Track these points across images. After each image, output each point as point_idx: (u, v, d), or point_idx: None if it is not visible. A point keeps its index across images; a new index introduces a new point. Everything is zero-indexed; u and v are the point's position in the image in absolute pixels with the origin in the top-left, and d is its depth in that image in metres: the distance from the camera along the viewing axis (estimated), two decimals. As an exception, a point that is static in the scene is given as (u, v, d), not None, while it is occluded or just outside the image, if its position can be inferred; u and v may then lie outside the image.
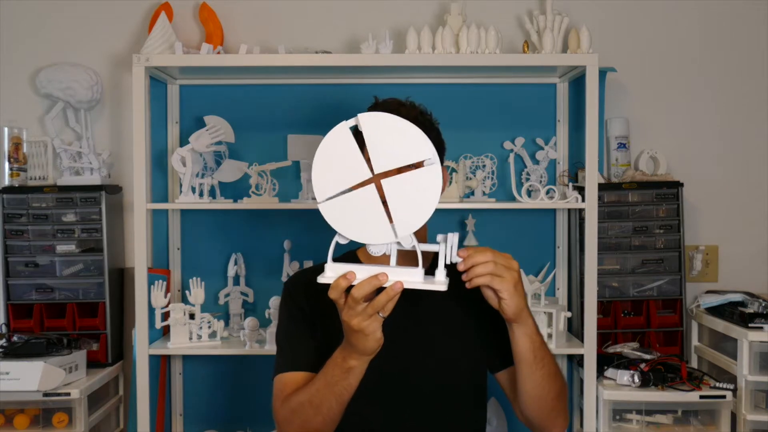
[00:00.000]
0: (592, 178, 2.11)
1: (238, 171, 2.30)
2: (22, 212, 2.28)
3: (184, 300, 2.28)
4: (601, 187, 2.21)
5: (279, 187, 2.29)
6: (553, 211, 2.41)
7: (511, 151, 2.34)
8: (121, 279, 2.40)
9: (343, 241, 1.25)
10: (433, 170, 1.19)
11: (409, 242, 1.22)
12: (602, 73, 2.27)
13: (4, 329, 2.25)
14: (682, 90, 2.46)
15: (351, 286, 1.23)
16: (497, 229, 2.39)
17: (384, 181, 1.19)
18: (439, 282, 1.23)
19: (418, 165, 1.20)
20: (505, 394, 1.60)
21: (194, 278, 2.22)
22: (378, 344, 1.28)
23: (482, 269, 1.27)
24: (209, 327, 2.23)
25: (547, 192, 2.17)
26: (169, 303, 2.22)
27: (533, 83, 2.40)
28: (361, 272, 1.22)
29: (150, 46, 2.16)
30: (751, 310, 2.14)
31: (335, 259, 1.52)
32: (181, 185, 2.21)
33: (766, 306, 2.15)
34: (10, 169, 2.35)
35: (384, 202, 1.21)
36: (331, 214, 1.21)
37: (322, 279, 1.26)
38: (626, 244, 2.29)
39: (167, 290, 2.24)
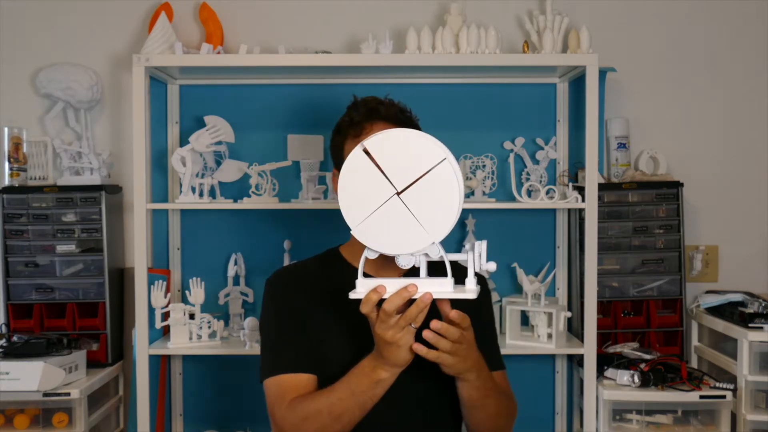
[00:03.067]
0: (592, 178, 2.11)
1: (238, 171, 2.30)
2: (22, 212, 2.28)
3: (184, 300, 2.28)
4: (601, 187, 2.21)
5: (279, 187, 2.29)
6: (553, 211, 2.41)
7: (511, 151, 2.34)
8: (121, 279, 2.40)
9: (372, 256, 1.28)
10: (444, 168, 1.22)
11: (437, 252, 1.25)
12: (602, 73, 2.27)
13: (4, 329, 2.25)
14: (682, 90, 2.46)
15: (382, 300, 1.24)
16: (497, 229, 2.39)
17: (403, 195, 1.23)
18: (470, 290, 1.26)
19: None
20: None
21: (194, 278, 2.22)
22: (410, 355, 1.29)
23: (443, 345, 1.26)
24: (209, 327, 2.23)
25: (547, 192, 2.17)
26: (169, 303, 2.22)
27: (533, 83, 2.40)
28: (391, 286, 1.25)
29: (150, 46, 2.16)
30: (751, 310, 2.14)
31: (321, 257, 1.52)
32: (181, 185, 2.21)
33: (766, 306, 2.15)
34: (10, 169, 2.35)
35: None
36: (365, 236, 1.26)
37: (354, 294, 1.28)
38: (626, 244, 2.29)
39: (167, 290, 2.24)
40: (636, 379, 2.08)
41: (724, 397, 2.06)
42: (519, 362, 2.39)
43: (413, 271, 1.32)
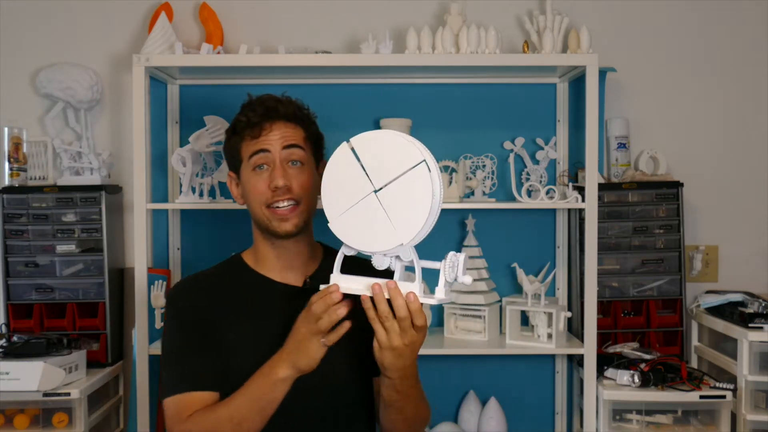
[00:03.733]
0: (592, 178, 2.11)
1: (238, 171, 2.29)
2: (22, 212, 2.28)
3: (184, 300, 2.28)
4: (601, 187, 2.21)
5: (279, 187, 2.29)
6: (553, 211, 2.41)
7: (511, 151, 2.34)
8: (121, 279, 2.40)
9: (349, 253, 1.30)
10: (421, 170, 1.23)
11: (408, 256, 1.27)
12: (602, 73, 2.27)
13: (4, 329, 2.25)
14: (682, 90, 2.46)
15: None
16: (497, 229, 2.39)
17: (379, 194, 1.25)
18: (437, 297, 1.26)
19: None
20: (376, 401, 1.57)
21: (194, 278, 2.22)
22: (315, 362, 1.30)
23: (381, 307, 1.25)
24: (209, 327, 2.23)
25: (547, 192, 2.17)
26: (169, 303, 2.22)
27: (533, 83, 2.40)
28: (359, 283, 1.28)
29: (150, 46, 2.16)
30: (751, 310, 2.14)
31: (223, 265, 1.55)
32: (181, 185, 2.21)
33: (766, 306, 2.15)
34: (10, 169, 2.34)
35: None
36: (341, 229, 1.27)
37: (324, 287, 1.30)
38: (626, 244, 2.29)
39: (167, 290, 2.24)
40: (636, 379, 2.08)
41: (724, 397, 2.06)
42: (519, 362, 2.40)
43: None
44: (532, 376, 2.42)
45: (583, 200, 2.13)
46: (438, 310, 2.35)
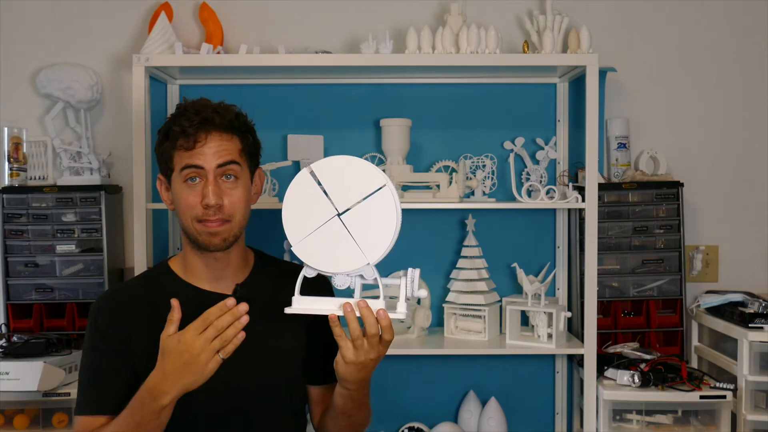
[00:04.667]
0: (592, 178, 2.11)
1: (238, 171, 2.29)
2: (21, 212, 2.28)
3: (184, 300, 2.28)
4: (601, 187, 2.21)
5: (279, 187, 2.29)
6: (553, 211, 2.41)
7: (511, 151, 2.34)
8: (121, 279, 2.40)
9: (310, 275, 1.33)
10: (384, 194, 1.28)
11: (371, 275, 1.30)
12: (602, 73, 2.27)
13: (3, 329, 2.25)
14: (682, 90, 2.46)
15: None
16: (497, 229, 2.39)
17: (343, 217, 1.29)
18: (399, 312, 1.30)
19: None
20: (309, 407, 1.58)
21: (194, 278, 2.22)
22: (206, 378, 1.27)
23: (353, 326, 1.27)
24: (209, 327, 2.22)
25: (547, 192, 2.17)
26: (169, 303, 2.21)
27: (533, 83, 2.40)
28: (325, 303, 1.32)
29: (150, 46, 2.16)
30: (752, 310, 2.14)
31: (149, 274, 1.56)
32: (181, 185, 2.21)
33: (766, 306, 2.15)
34: (10, 169, 2.34)
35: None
36: (305, 253, 1.31)
37: (290, 310, 1.33)
38: (626, 244, 2.29)
39: (167, 290, 2.23)
40: (636, 379, 2.08)
41: (724, 397, 2.05)
42: (519, 362, 2.40)
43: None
44: (532, 376, 2.42)
45: (583, 200, 2.13)
46: (438, 310, 2.35)
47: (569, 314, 2.24)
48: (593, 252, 2.11)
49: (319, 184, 1.30)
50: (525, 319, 2.31)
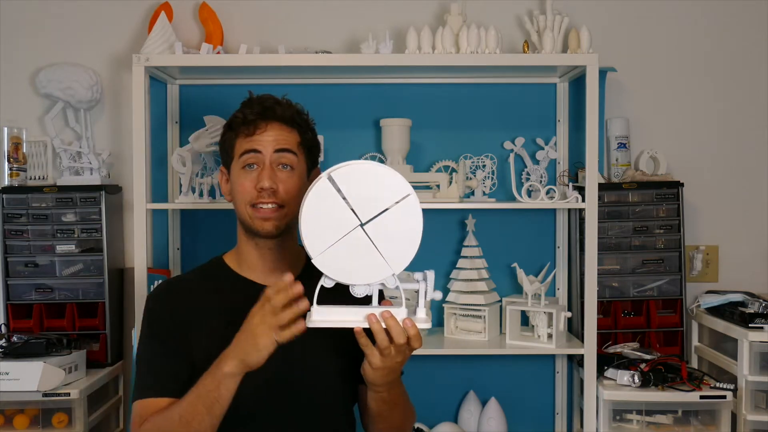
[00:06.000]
0: (592, 178, 2.11)
1: (238, 171, 2.29)
2: (21, 212, 2.28)
3: (184, 300, 2.28)
4: (601, 187, 2.21)
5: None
6: (553, 211, 2.41)
7: (511, 151, 2.34)
8: (121, 279, 2.40)
9: (329, 285, 1.28)
10: (410, 203, 1.24)
11: (393, 283, 1.27)
12: (602, 73, 2.27)
13: (3, 329, 2.24)
14: (682, 90, 2.46)
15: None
16: (497, 229, 2.39)
17: (367, 226, 1.24)
18: (421, 319, 1.27)
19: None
20: (359, 406, 1.57)
21: (194, 278, 2.22)
22: (264, 357, 1.26)
23: (380, 337, 1.25)
24: (209, 327, 2.22)
25: (547, 192, 2.17)
26: (169, 303, 2.21)
27: (533, 83, 2.40)
28: (348, 314, 1.26)
29: (150, 46, 2.16)
30: (752, 310, 2.14)
31: (204, 268, 1.53)
32: (181, 185, 2.21)
33: (766, 306, 2.15)
34: (10, 169, 2.34)
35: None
36: (326, 266, 1.25)
37: (312, 324, 1.27)
38: (626, 244, 2.29)
39: (167, 290, 2.23)
40: (636, 380, 2.08)
41: (724, 397, 2.05)
42: (519, 362, 2.40)
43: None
44: (532, 376, 2.42)
45: (583, 200, 2.13)
46: (438, 311, 2.35)
47: (569, 314, 2.24)
48: (593, 252, 2.11)
49: (339, 191, 1.24)
50: (525, 319, 2.31)
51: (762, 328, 2.07)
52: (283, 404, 1.43)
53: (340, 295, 1.29)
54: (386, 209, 1.24)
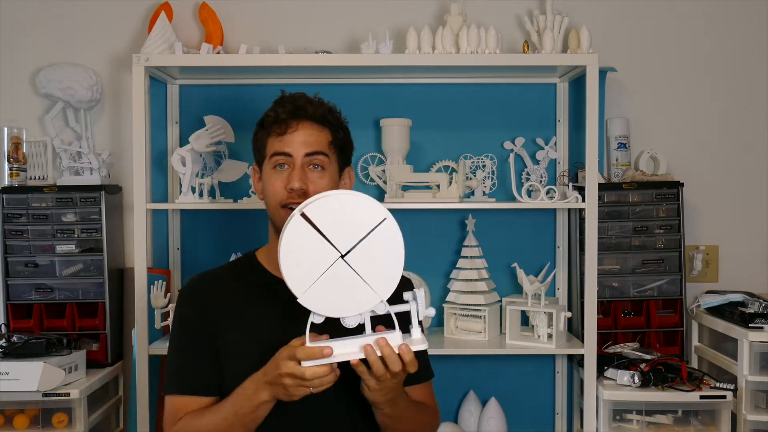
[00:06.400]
0: (592, 178, 2.11)
1: (238, 171, 2.30)
2: (21, 212, 2.28)
3: (184, 300, 2.28)
4: (601, 187, 2.21)
5: (279, 187, 2.29)
6: (553, 211, 2.41)
7: (511, 151, 2.34)
8: (121, 279, 2.40)
9: (318, 321, 1.27)
10: (387, 226, 1.23)
11: (383, 309, 1.26)
12: (602, 73, 2.27)
13: (3, 329, 2.24)
14: (682, 90, 2.46)
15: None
16: (497, 229, 2.39)
17: (348, 257, 1.23)
18: (417, 341, 1.26)
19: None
20: None
21: (194, 278, 2.22)
22: (296, 399, 1.28)
23: (377, 366, 1.25)
24: (209, 327, 2.22)
25: (547, 192, 2.17)
26: (168, 303, 2.22)
27: (533, 83, 2.40)
28: (343, 347, 1.25)
29: (150, 46, 2.16)
30: (752, 310, 2.14)
31: (236, 264, 1.54)
32: (181, 185, 2.21)
33: (766, 306, 2.15)
34: (10, 169, 2.34)
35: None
36: (313, 302, 1.24)
37: (307, 363, 1.25)
38: (626, 244, 2.29)
39: (167, 290, 2.24)
40: (636, 380, 2.08)
41: (724, 397, 2.05)
42: (519, 362, 2.40)
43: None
44: (532, 376, 2.42)
45: (583, 200, 2.13)
46: (438, 311, 2.35)
47: (569, 314, 2.24)
48: (593, 252, 2.11)
49: (314, 226, 1.23)
50: (525, 319, 2.31)
51: (762, 328, 2.07)
52: (315, 409, 1.42)
53: (331, 326, 1.29)
54: (365, 237, 1.23)
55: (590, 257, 2.11)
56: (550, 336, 2.18)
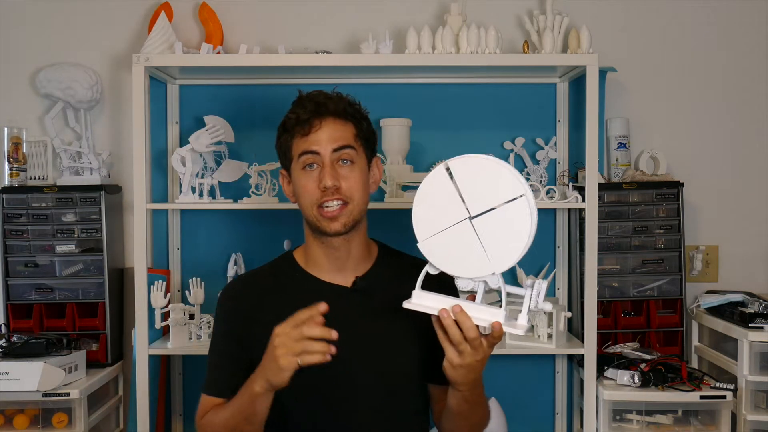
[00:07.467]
0: (592, 178, 2.11)
1: (238, 171, 2.30)
2: (21, 212, 2.28)
3: (184, 300, 2.28)
4: (601, 187, 2.21)
5: (279, 187, 2.29)
6: (553, 211, 2.41)
7: (511, 151, 2.34)
8: (121, 279, 2.40)
9: (434, 272, 1.29)
10: (521, 204, 1.23)
11: (496, 283, 1.26)
12: (602, 73, 2.27)
13: (3, 329, 2.25)
14: (682, 90, 2.46)
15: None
16: (497, 229, 2.38)
17: (475, 221, 1.24)
18: (520, 326, 1.26)
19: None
20: (431, 405, 1.58)
21: (194, 278, 2.22)
22: (286, 379, 1.27)
23: (452, 331, 1.25)
24: (209, 327, 2.23)
25: (547, 192, 2.17)
26: (168, 303, 2.22)
27: (533, 83, 2.39)
28: (441, 303, 1.26)
29: (150, 46, 2.16)
30: (752, 310, 2.14)
31: (274, 265, 1.53)
32: (180, 185, 2.21)
33: (766, 306, 2.15)
34: (10, 169, 2.34)
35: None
36: (430, 251, 1.27)
37: (407, 304, 1.29)
38: (626, 244, 2.29)
39: (167, 290, 2.23)
40: (636, 380, 2.08)
41: (724, 397, 2.05)
42: (519, 362, 2.40)
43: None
44: (532, 376, 2.42)
45: (583, 200, 2.13)
46: (438, 310, 2.35)
47: (569, 314, 2.24)
48: (593, 252, 2.11)
49: (454, 181, 1.25)
50: (525, 319, 2.31)
51: (762, 328, 2.07)
52: (347, 401, 1.44)
53: (448, 289, 1.31)
54: (497, 206, 1.23)
55: (590, 257, 2.11)
56: (550, 336, 2.18)
